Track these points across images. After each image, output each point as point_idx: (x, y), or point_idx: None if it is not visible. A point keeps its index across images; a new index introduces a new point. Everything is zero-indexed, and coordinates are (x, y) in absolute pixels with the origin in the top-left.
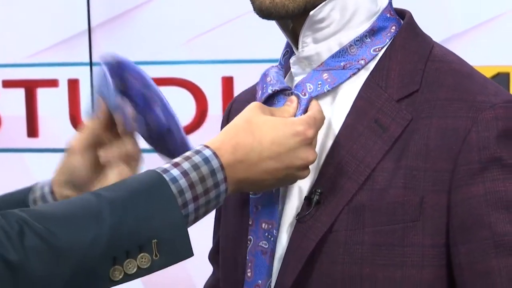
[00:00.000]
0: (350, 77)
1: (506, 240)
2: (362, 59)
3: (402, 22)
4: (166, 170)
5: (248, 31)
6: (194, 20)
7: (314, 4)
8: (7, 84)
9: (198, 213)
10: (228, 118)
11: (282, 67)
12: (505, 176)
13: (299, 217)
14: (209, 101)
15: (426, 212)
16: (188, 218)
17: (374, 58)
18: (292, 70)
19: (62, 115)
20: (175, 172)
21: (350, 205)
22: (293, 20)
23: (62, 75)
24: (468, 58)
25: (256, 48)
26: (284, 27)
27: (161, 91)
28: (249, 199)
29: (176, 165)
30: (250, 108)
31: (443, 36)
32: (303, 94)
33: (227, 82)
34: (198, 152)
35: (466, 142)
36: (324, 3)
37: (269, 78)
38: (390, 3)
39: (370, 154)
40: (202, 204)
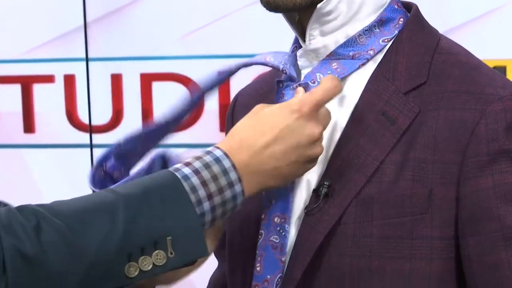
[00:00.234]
0: (359, 67)
1: None
2: (371, 49)
3: (409, 14)
4: (177, 169)
5: (243, 26)
6: (189, 15)
7: None
8: (3, 80)
9: (215, 213)
10: (233, 113)
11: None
12: None
13: (307, 210)
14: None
15: (435, 204)
16: (204, 218)
17: (381, 50)
18: (298, 63)
19: (59, 111)
20: (187, 170)
21: (358, 197)
22: (299, 12)
23: (58, 71)
24: None
25: (251, 43)
26: (290, 20)
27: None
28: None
29: (187, 164)
30: (253, 108)
31: (440, 29)
32: (313, 81)
33: None
34: (209, 152)
35: (475, 134)
36: None
37: (282, 61)
38: None
39: (378, 147)
40: (218, 204)
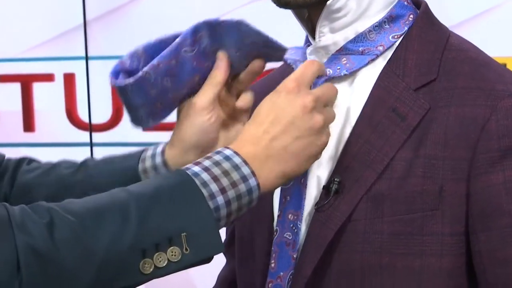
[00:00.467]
0: (368, 63)
1: None
2: (381, 45)
3: (418, 11)
4: (187, 168)
5: None
6: (188, 14)
7: None
8: (3, 78)
9: (230, 208)
10: None
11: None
12: None
13: (318, 206)
14: None
15: (446, 200)
16: (219, 213)
17: (391, 46)
18: (308, 60)
19: (58, 110)
20: (196, 168)
21: (369, 194)
22: (309, 9)
23: (58, 70)
24: None
25: None
26: (300, 17)
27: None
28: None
29: (196, 163)
30: None
31: None
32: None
33: None
34: (218, 152)
35: (485, 130)
36: None
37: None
38: None
39: (388, 143)
40: (232, 197)
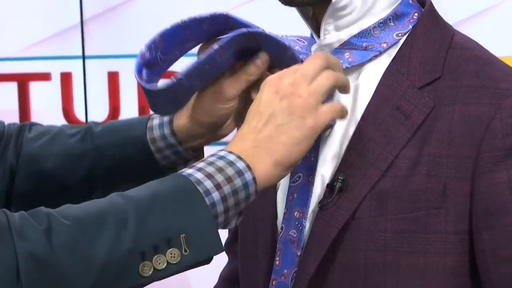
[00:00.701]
0: (371, 59)
1: None
2: (385, 42)
3: (423, 10)
4: (182, 171)
5: None
6: (185, 12)
7: None
8: (0, 77)
9: (227, 203)
10: None
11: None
12: None
13: (322, 204)
14: None
15: (450, 199)
16: (216, 209)
17: (396, 44)
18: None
19: (55, 109)
20: (190, 170)
21: (373, 192)
22: (314, 7)
23: (55, 69)
24: None
25: None
26: (304, 15)
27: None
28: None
29: (191, 167)
30: None
31: None
32: None
33: None
34: (213, 154)
35: (490, 128)
36: None
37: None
38: None
39: (392, 141)
40: (228, 193)
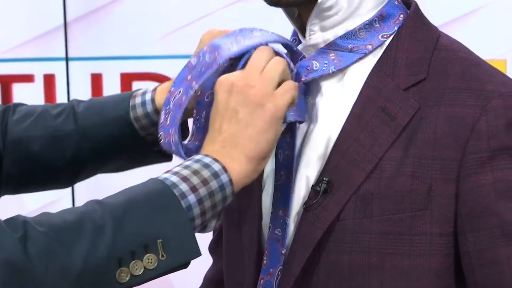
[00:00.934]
0: (357, 61)
1: None
2: (370, 44)
3: (408, 11)
4: (158, 176)
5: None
6: (170, 14)
7: None
8: None
9: (203, 206)
10: None
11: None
12: None
13: (306, 206)
14: None
15: (434, 200)
16: (192, 212)
17: (381, 45)
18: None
19: None
20: (166, 175)
21: (357, 193)
22: (299, 7)
23: (38, 70)
24: None
25: None
26: (290, 15)
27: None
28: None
29: (167, 172)
30: None
31: None
32: (308, 68)
33: None
34: (189, 159)
35: (475, 130)
36: None
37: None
38: None
39: (377, 143)
40: (204, 195)
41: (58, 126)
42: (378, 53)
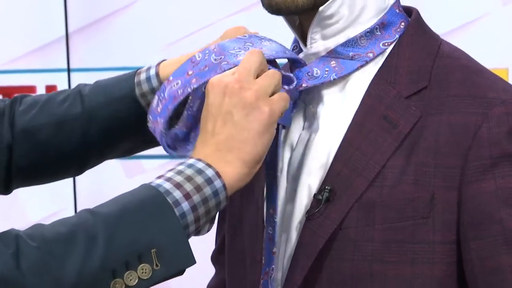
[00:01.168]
0: (358, 69)
1: None
2: (371, 52)
3: (410, 19)
4: (151, 182)
5: None
6: (172, 25)
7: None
8: None
9: (197, 213)
10: None
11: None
12: None
13: (308, 214)
14: None
15: (437, 208)
16: (186, 219)
17: (382, 53)
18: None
19: None
20: (158, 180)
21: (360, 202)
22: (300, 16)
23: (40, 82)
24: None
25: None
26: (291, 23)
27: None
28: (254, 186)
29: (159, 177)
30: None
31: None
32: (309, 74)
33: None
34: (182, 163)
35: (477, 137)
36: None
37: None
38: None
39: (379, 151)
40: (198, 202)
41: (64, 111)
42: (380, 61)
